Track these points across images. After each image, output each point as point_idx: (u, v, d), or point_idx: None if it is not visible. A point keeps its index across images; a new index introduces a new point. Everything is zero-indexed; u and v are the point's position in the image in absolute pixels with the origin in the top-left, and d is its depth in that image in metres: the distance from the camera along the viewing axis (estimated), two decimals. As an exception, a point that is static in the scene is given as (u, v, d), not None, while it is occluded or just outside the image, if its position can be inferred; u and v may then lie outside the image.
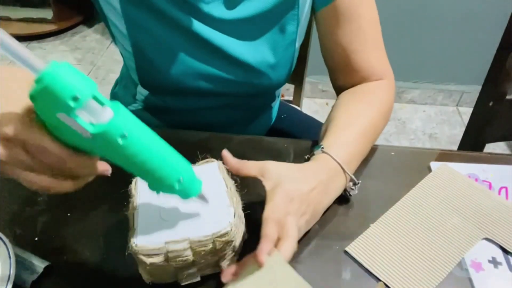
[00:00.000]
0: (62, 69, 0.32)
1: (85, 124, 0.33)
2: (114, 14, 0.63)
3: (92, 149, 0.36)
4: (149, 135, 0.38)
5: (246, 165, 0.52)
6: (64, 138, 0.35)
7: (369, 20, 0.65)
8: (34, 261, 0.49)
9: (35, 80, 0.32)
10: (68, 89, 0.32)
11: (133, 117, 0.37)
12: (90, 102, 0.33)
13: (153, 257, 0.43)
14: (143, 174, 0.40)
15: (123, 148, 0.35)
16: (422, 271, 0.49)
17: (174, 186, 0.41)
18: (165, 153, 0.40)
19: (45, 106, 0.33)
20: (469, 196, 0.58)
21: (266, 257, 0.42)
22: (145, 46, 0.64)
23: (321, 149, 0.56)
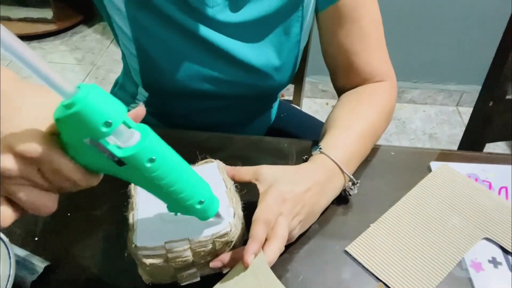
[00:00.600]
0: (93, 94, 0.30)
1: (114, 149, 0.32)
2: (119, 16, 0.63)
3: (116, 172, 0.35)
4: (174, 158, 0.37)
5: (240, 170, 0.52)
6: (85, 160, 0.34)
7: (371, 21, 0.65)
8: (34, 261, 0.49)
9: (64, 105, 0.30)
10: (101, 115, 0.30)
11: (159, 139, 0.36)
12: (120, 126, 0.32)
13: (153, 258, 0.42)
14: (165, 196, 0.39)
15: (150, 171, 0.35)
16: (422, 271, 0.49)
17: (195, 207, 0.41)
18: (188, 175, 0.39)
19: (73, 131, 0.31)
20: (469, 196, 0.58)
21: (252, 259, 0.42)
22: (149, 49, 0.64)
23: (319, 150, 0.56)
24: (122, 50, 0.70)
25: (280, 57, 0.67)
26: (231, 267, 0.45)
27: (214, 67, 0.66)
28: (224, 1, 0.61)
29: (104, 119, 0.30)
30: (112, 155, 0.32)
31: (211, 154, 0.55)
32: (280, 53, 0.66)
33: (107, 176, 0.44)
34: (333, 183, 0.54)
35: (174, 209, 0.41)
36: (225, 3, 0.61)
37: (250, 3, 0.62)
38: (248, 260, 0.42)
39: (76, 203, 0.58)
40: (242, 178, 0.52)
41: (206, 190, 0.42)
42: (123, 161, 0.33)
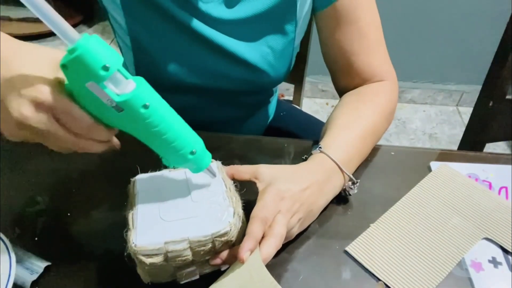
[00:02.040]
0: (93, 40, 0.35)
1: (112, 94, 0.36)
2: (113, 7, 0.63)
3: (115, 120, 0.39)
4: (167, 108, 0.41)
5: (239, 169, 0.52)
6: (89, 108, 0.38)
7: (370, 22, 0.65)
8: (34, 261, 0.49)
9: (68, 50, 0.34)
10: (99, 59, 0.34)
11: (153, 90, 0.40)
12: (117, 74, 0.36)
13: (153, 257, 0.42)
14: (160, 145, 0.42)
15: (144, 117, 0.38)
16: (422, 271, 0.49)
17: (188, 157, 0.44)
18: (180, 125, 0.43)
19: (75, 75, 0.36)
20: (469, 196, 0.58)
21: (248, 256, 0.42)
22: (144, 41, 0.64)
23: (319, 149, 0.56)
24: (118, 42, 0.70)
25: (275, 54, 0.67)
26: (230, 264, 0.45)
27: (208, 61, 0.66)
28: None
29: (103, 63, 0.35)
30: (110, 100, 0.36)
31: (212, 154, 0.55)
32: (275, 50, 0.66)
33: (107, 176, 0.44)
34: (332, 182, 0.54)
35: (169, 161, 0.45)
36: (219, 0, 0.61)
37: (244, 1, 0.62)
38: (244, 256, 0.42)
39: (76, 203, 0.58)
40: (241, 177, 0.52)
41: (198, 141, 0.45)
42: (120, 106, 0.37)
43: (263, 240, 0.45)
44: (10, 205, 0.57)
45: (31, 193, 0.59)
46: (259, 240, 0.44)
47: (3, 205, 0.57)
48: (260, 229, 0.44)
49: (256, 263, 0.42)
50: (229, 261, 0.45)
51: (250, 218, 0.45)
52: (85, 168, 0.63)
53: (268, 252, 0.44)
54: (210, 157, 0.48)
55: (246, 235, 0.44)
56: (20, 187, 0.60)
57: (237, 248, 0.45)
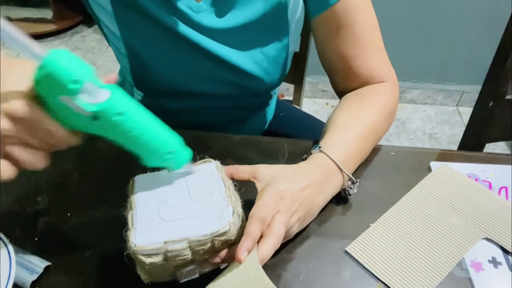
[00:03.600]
0: (62, 55, 0.36)
1: (84, 104, 0.37)
2: (105, 15, 0.63)
3: (90, 128, 0.40)
4: (142, 113, 0.42)
5: (238, 169, 0.52)
6: (65, 118, 0.39)
7: (366, 25, 0.64)
8: (34, 261, 0.49)
9: (39, 67, 0.35)
10: (68, 74, 0.35)
11: (128, 96, 0.41)
12: (89, 85, 0.37)
13: (152, 257, 0.43)
14: (137, 147, 0.44)
15: (119, 124, 0.40)
16: (422, 271, 0.49)
17: (165, 157, 0.46)
18: (156, 127, 0.44)
19: (48, 90, 0.37)
20: (469, 196, 0.58)
21: (245, 255, 0.42)
22: (138, 48, 0.64)
23: (318, 149, 0.56)
24: (113, 50, 0.70)
25: (269, 61, 0.67)
26: (230, 263, 0.45)
27: (203, 68, 0.66)
28: (209, 7, 0.61)
29: (72, 77, 0.36)
30: (83, 110, 0.38)
31: (210, 154, 0.55)
32: (268, 57, 0.66)
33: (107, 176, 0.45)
34: (332, 181, 0.54)
35: (148, 161, 0.46)
36: (211, 10, 0.61)
37: (235, 10, 0.62)
38: (241, 256, 0.42)
39: (76, 203, 0.58)
40: (240, 176, 0.52)
41: (175, 141, 0.46)
42: (95, 115, 0.38)
43: (261, 240, 0.45)
44: (10, 205, 0.57)
45: (31, 193, 0.59)
46: (257, 240, 0.44)
47: (3, 205, 0.57)
48: (258, 228, 0.44)
49: (253, 263, 0.42)
50: (228, 260, 0.45)
51: (248, 218, 0.46)
52: (85, 168, 0.63)
53: (266, 252, 0.44)
54: (189, 154, 0.49)
55: (244, 235, 0.44)
56: (20, 187, 0.60)
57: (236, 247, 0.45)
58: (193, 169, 0.50)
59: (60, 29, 2.40)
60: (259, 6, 0.61)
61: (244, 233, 0.44)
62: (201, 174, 0.50)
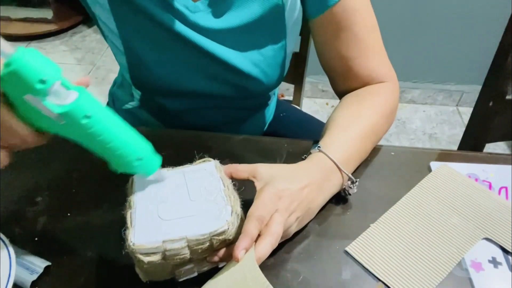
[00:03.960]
0: (30, 54, 0.35)
1: (51, 106, 0.37)
2: (102, 12, 0.63)
3: (57, 130, 0.40)
4: (111, 117, 0.42)
5: (237, 168, 0.53)
6: (29, 118, 0.38)
7: (365, 26, 0.64)
8: (34, 261, 0.49)
9: (5, 64, 0.35)
10: (35, 73, 0.35)
11: (96, 100, 0.40)
12: (56, 86, 0.36)
13: (151, 256, 0.43)
14: (104, 152, 0.43)
15: (86, 127, 0.39)
16: (422, 271, 0.49)
17: (133, 164, 0.45)
18: (125, 133, 0.43)
19: (14, 88, 0.36)
20: (469, 196, 0.58)
21: (242, 254, 0.42)
22: (135, 45, 0.64)
23: (318, 148, 0.56)
24: (111, 48, 0.70)
25: (267, 61, 0.67)
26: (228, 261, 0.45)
27: (200, 68, 0.66)
28: (206, 7, 0.61)
29: (39, 77, 0.35)
30: (49, 111, 0.37)
31: (210, 154, 0.55)
32: (266, 58, 0.66)
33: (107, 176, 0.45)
34: (331, 181, 0.54)
35: (116, 166, 0.45)
36: (208, 10, 0.61)
37: (231, 11, 0.62)
38: (238, 255, 0.42)
39: (76, 203, 0.58)
40: (240, 175, 0.52)
41: (144, 148, 0.46)
42: (61, 117, 0.37)
43: (259, 239, 0.45)
44: (10, 205, 0.57)
45: (31, 193, 0.59)
46: (255, 239, 0.44)
47: (3, 205, 0.57)
48: (256, 227, 0.44)
49: (250, 262, 0.43)
50: (226, 258, 0.45)
51: (246, 217, 0.46)
52: (85, 168, 0.63)
53: (263, 251, 0.44)
54: (159, 162, 0.48)
55: (241, 234, 0.44)
56: (20, 187, 0.60)
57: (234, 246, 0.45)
58: (163, 176, 0.50)
59: (60, 29, 2.40)
60: (256, 8, 0.61)
61: (242, 232, 0.44)
62: (200, 174, 0.50)
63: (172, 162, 0.52)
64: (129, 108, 0.81)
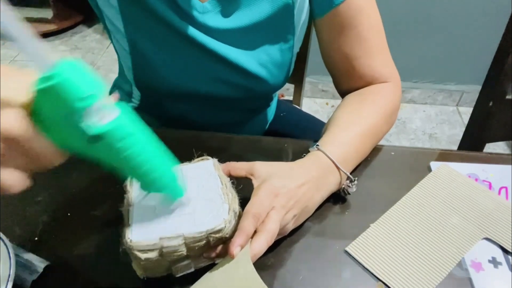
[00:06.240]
0: (74, 67, 0.31)
1: (87, 126, 0.32)
2: (110, 11, 0.62)
3: (86, 150, 0.35)
4: (148, 139, 0.38)
5: (235, 166, 0.53)
6: (57, 139, 0.34)
7: (370, 26, 0.64)
8: (34, 261, 0.49)
9: (43, 77, 0.30)
10: (77, 90, 0.31)
11: (134, 120, 0.36)
12: (95, 104, 0.32)
13: (148, 253, 0.43)
14: (135, 175, 0.41)
15: (122, 150, 0.35)
16: (422, 271, 0.49)
17: (162, 189, 0.43)
18: (160, 157, 0.41)
19: (49, 105, 0.32)
20: (469, 196, 0.58)
21: (238, 251, 0.43)
22: (142, 45, 0.64)
23: (316, 147, 0.56)
24: (115, 46, 0.70)
25: (274, 62, 0.67)
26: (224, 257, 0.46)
27: (207, 69, 0.66)
28: (215, 8, 0.61)
29: (81, 95, 0.31)
30: (87, 131, 0.32)
31: (211, 154, 0.55)
32: (273, 58, 0.66)
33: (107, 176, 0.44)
34: (328, 179, 0.54)
35: (146, 188, 0.44)
36: (216, 10, 0.61)
37: (240, 10, 0.62)
38: (233, 252, 0.42)
39: (76, 203, 0.58)
40: (237, 173, 0.52)
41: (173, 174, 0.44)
42: (98, 137, 0.33)
43: (255, 236, 0.45)
44: (10, 205, 0.57)
45: (31, 193, 0.59)
46: (251, 236, 0.44)
47: (3, 205, 0.57)
48: (251, 224, 0.44)
49: (244, 259, 0.43)
50: (223, 255, 0.46)
51: (243, 214, 0.46)
52: (85, 168, 0.63)
53: (259, 248, 0.44)
54: (183, 189, 0.46)
55: (237, 231, 0.44)
56: (20, 187, 0.60)
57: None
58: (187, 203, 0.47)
59: (60, 29, 2.40)
60: (266, 6, 0.61)
61: (238, 228, 0.44)
62: (198, 172, 0.51)
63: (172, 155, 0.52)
64: None
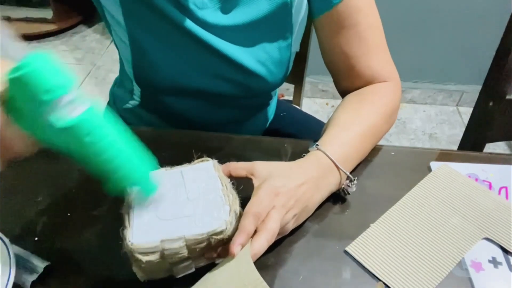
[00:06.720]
0: (43, 59, 0.32)
1: (54, 118, 0.33)
2: (111, 4, 0.62)
3: (56, 141, 0.36)
4: (118, 135, 0.38)
5: (236, 166, 0.53)
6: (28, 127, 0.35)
7: (369, 25, 0.64)
8: (34, 261, 0.49)
9: (15, 67, 0.32)
10: (44, 82, 0.32)
11: (103, 115, 0.37)
12: (64, 97, 0.33)
13: (149, 255, 0.43)
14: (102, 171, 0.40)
15: (87, 145, 0.36)
16: (422, 271, 0.49)
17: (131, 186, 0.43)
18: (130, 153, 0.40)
19: (18, 94, 0.33)
20: (469, 196, 0.58)
21: (238, 250, 0.43)
22: (142, 39, 0.64)
23: (316, 146, 0.56)
24: (115, 40, 0.70)
25: (272, 59, 0.67)
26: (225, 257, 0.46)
27: (206, 65, 0.66)
28: (214, 4, 0.61)
29: (48, 86, 0.32)
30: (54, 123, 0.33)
31: (211, 154, 0.55)
32: (271, 56, 0.66)
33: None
34: (328, 179, 0.54)
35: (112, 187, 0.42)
36: (215, 7, 0.61)
37: (239, 8, 0.62)
38: (234, 251, 0.42)
39: (76, 203, 0.58)
40: (238, 173, 0.53)
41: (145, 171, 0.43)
42: (65, 130, 0.34)
43: (255, 235, 0.45)
44: (10, 205, 0.57)
45: (31, 193, 0.59)
46: (251, 235, 0.45)
47: (3, 205, 0.57)
48: (252, 224, 0.45)
49: (245, 258, 0.43)
50: (224, 255, 0.46)
51: (243, 213, 0.46)
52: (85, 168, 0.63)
53: (259, 247, 0.44)
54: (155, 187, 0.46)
55: (238, 230, 0.44)
56: (20, 187, 0.60)
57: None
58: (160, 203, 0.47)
59: (60, 29, 2.40)
60: (264, 5, 0.62)
61: (238, 228, 0.44)
62: (199, 173, 0.51)
63: (171, 162, 0.52)
64: (129, 107, 0.81)
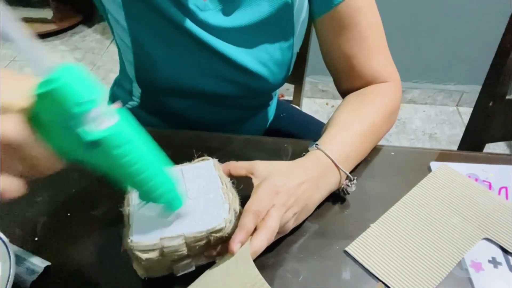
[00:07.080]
0: (73, 73, 0.31)
1: (83, 131, 0.32)
2: (113, 6, 0.63)
3: (84, 156, 0.35)
4: (146, 147, 0.37)
5: (235, 165, 0.53)
6: (56, 143, 0.34)
7: (369, 25, 0.64)
8: (34, 261, 0.49)
9: (43, 81, 0.30)
10: (76, 96, 0.31)
11: (134, 127, 0.36)
12: (93, 110, 0.32)
13: (149, 253, 0.43)
14: (133, 183, 0.39)
15: (119, 156, 0.35)
16: (422, 271, 0.49)
17: (161, 198, 0.42)
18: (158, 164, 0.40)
19: (46, 109, 0.32)
20: (469, 196, 0.58)
21: (238, 247, 0.43)
22: (144, 41, 0.64)
23: (316, 146, 0.56)
24: (117, 42, 0.70)
25: (274, 60, 0.67)
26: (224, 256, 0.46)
27: (208, 66, 0.66)
28: (216, 6, 0.61)
29: (80, 100, 0.31)
30: (84, 136, 0.32)
31: (211, 153, 0.55)
32: (273, 57, 0.67)
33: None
34: (328, 178, 0.55)
35: (142, 197, 0.42)
36: (217, 9, 0.62)
37: (241, 10, 0.62)
38: (234, 248, 0.43)
39: (76, 203, 0.58)
40: (238, 172, 0.53)
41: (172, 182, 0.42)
42: (94, 143, 0.33)
43: (255, 233, 0.45)
44: (10, 205, 0.57)
45: (31, 193, 0.59)
46: (251, 233, 0.45)
47: (3, 205, 0.57)
48: (252, 222, 0.45)
49: (245, 256, 0.43)
50: (223, 253, 0.46)
51: (243, 211, 0.46)
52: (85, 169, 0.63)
53: (258, 245, 0.44)
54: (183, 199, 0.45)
55: (238, 228, 0.44)
56: (20, 187, 0.60)
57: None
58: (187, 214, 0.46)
59: (60, 29, 2.40)
60: (265, 6, 0.62)
61: (238, 226, 0.45)
62: (199, 172, 0.51)
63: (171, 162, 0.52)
64: (129, 108, 0.81)
